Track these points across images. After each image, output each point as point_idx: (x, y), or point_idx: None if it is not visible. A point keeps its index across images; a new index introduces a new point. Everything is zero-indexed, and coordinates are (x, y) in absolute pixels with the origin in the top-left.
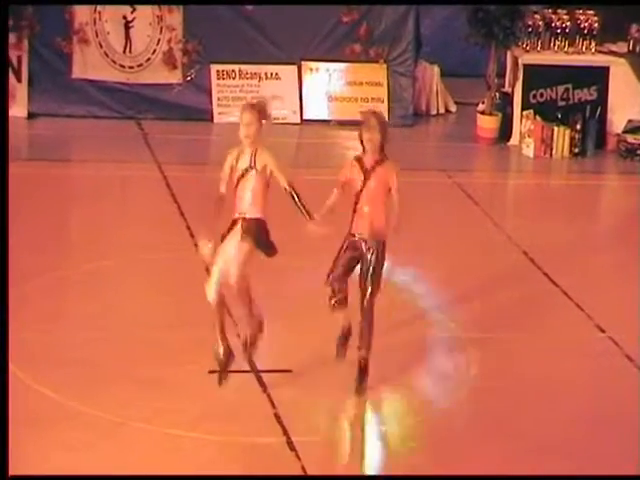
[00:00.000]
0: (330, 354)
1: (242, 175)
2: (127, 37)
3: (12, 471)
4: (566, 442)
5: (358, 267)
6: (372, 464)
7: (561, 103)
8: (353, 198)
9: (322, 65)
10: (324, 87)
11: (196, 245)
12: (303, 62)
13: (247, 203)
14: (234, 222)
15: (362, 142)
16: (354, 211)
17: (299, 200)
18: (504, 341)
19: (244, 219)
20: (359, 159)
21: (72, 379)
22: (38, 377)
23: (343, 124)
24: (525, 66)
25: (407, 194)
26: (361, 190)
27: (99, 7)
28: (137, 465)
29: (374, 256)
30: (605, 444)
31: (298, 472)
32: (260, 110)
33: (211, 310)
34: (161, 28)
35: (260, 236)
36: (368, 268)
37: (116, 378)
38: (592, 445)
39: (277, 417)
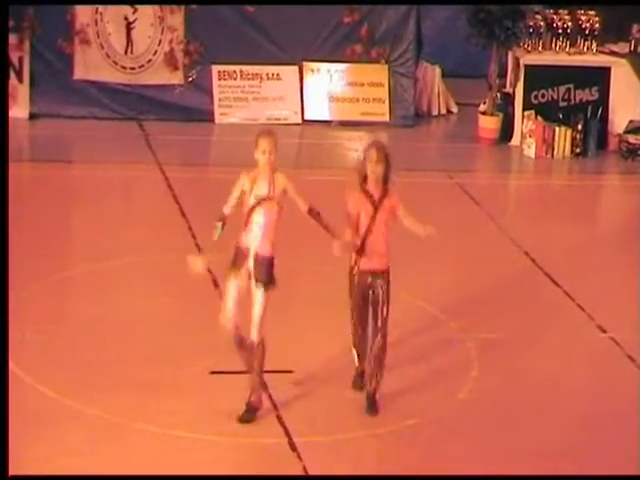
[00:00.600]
0: (333, 355)
1: (258, 203)
2: (128, 38)
3: (13, 471)
4: (567, 442)
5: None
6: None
7: (562, 103)
8: (353, 230)
9: (323, 66)
10: (325, 88)
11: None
12: (304, 63)
13: (258, 237)
14: (242, 255)
15: (365, 174)
16: (360, 245)
17: (322, 220)
18: (505, 342)
19: (256, 259)
20: (365, 191)
21: (74, 380)
22: (40, 378)
23: (344, 124)
24: (526, 66)
25: (408, 195)
26: (370, 222)
27: (100, 8)
28: (138, 466)
29: (384, 287)
30: (606, 444)
31: (300, 473)
32: (276, 138)
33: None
34: (162, 29)
35: (270, 275)
36: (378, 301)
37: (118, 379)
38: (593, 445)
39: (279, 418)
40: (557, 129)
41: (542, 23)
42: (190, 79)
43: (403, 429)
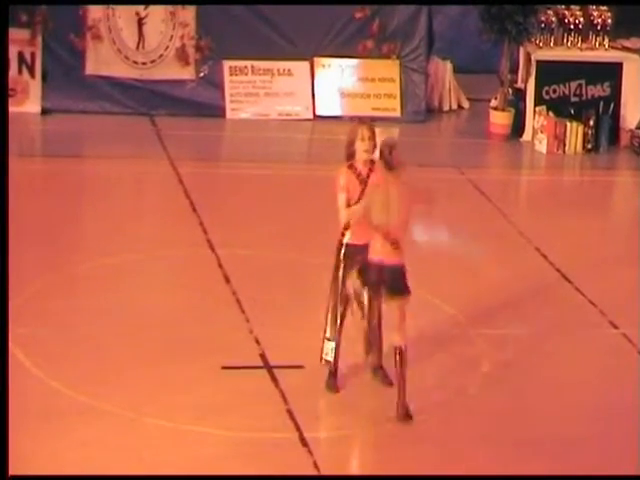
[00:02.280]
0: (343, 350)
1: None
2: (140, 33)
3: (25, 466)
4: (578, 438)
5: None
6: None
7: (574, 99)
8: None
9: (334, 61)
10: (337, 83)
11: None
12: (315, 58)
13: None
14: (373, 265)
15: (353, 152)
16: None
17: None
18: (516, 338)
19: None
20: (354, 169)
21: (84, 374)
22: (50, 372)
23: (356, 120)
24: (538, 62)
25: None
26: (358, 199)
27: (112, 4)
28: (148, 460)
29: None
30: (618, 440)
31: (310, 468)
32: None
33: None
34: (174, 24)
35: (403, 284)
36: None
37: (129, 374)
38: (604, 441)
39: (289, 413)
40: (569, 125)
41: (554, 19)
42: (201, 74)
43: (413, 425)
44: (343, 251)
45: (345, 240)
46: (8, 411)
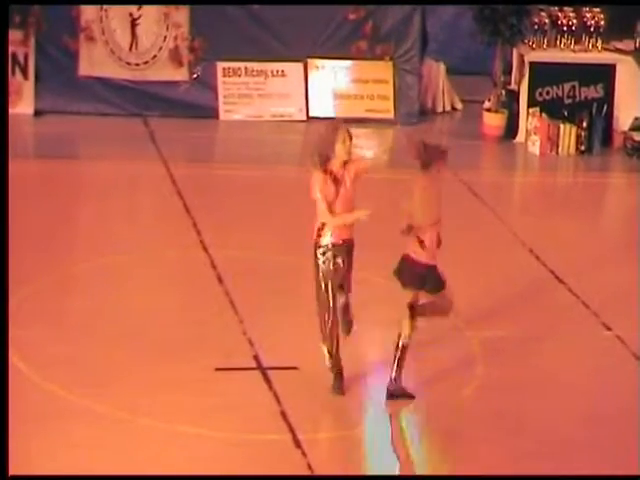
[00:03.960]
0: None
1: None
2: (133, 34)
3: (19, 468)
4: (571, 439)
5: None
6: (376, 461)
7: (567, 101)
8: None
9: (328, 62)
10: (330, 84)
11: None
12: (309, 59)
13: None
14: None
15: (329, 156)
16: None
17: None
18: (509, 339)
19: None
20: (329, 172)
21: (79, 377)
22: (46, 375)
23: (349, 122)
24: (531, 64)
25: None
26: (335, 199)
27: (105, 5)
28: (143, 462)
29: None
30: (610, 442)
31: (304, 469)
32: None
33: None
34: (167, 25)
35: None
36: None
37: (123, 375)
38: (597, 443)
39: (283, 414)
40: (562, 126)
41: (547, 20)
42: (195, 76)
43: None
44: (327, 253)
45: (326, 241)
46: (8, 411)
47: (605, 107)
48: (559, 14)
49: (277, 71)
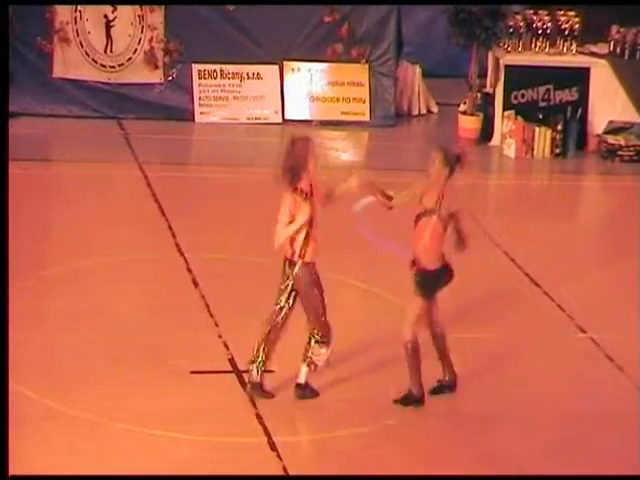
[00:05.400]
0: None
1: (423, 214)
2: (108, 36)
3: None
4: (548, 441)
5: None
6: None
7: (542, 104)
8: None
9: (304, 65)
10: (306, 87)
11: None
12: (285, 62)
13: (422, 248)
14: (412, 263)
15: (300, 172)
16: (312, 239)
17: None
18: (485, 341)
19: (418, 269)
20: (300, 191)
21: (52, 380)
22: (18, 378)
23: (325, 124)
24: (506, 67)
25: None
26: (312, 215)
27: (80, 6)
28: (118, 465)
29: None
30: (585, 443)
31: (279, 472)
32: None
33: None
34: (142, 27)
35: (433, 287)
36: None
37: (98, 378)
38: (573, 444)
39: (258, 417)
40: (537, 129)
41: (522, 23)
42: (170, 78)
43: (385, 428)
44: (307, 271)
45: (307, 259)
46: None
47: (580, 110)
48: (534, 17)
49: (253, 73)
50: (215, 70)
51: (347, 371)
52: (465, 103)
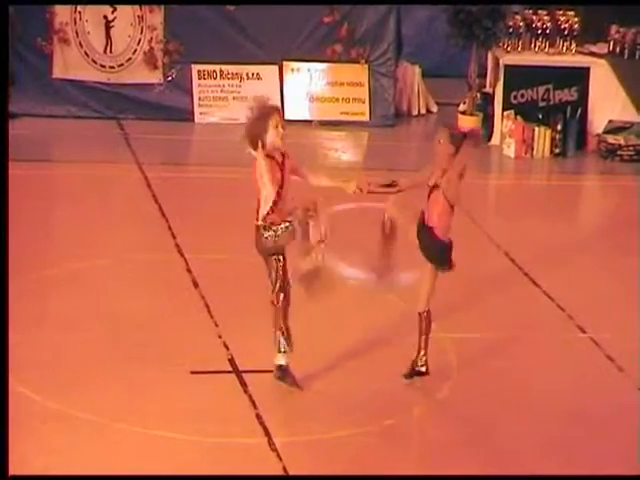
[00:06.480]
0: (312, 355)
1: (432, 189)
2: (108, 37)
3: None
4: (546, 442)
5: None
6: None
7: (542, 103)
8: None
9: (303, 65)
10: (305, 87)
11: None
12: (284, 62)
13: (437, 219)
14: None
15: (259, 139)
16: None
17: None
18: (484, 342)
19: (435, 239)
20: (271, 157)
21: (54, 381)
22: (20, 378)
23: (324, 124)
24: (506, 66)
25: (389, 196)
26: (282, 182)
27: (79, 7)
28: (120, 466)
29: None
30: (584, 444)
31: (279, 473)
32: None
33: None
34: (142, 28)
35: (442, 257)
36: None
37: (99, 379)
38: (572, 445)
39: (258, 417)
40: (536, 129)
41: (521, 23)
42: (170, 78)
43: (382, 429)
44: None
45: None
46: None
47: (579, 110)
48: (533, 17)
49: (252, 74)
50: (215, 70)
51: (347, 371)
52: (465, 103)
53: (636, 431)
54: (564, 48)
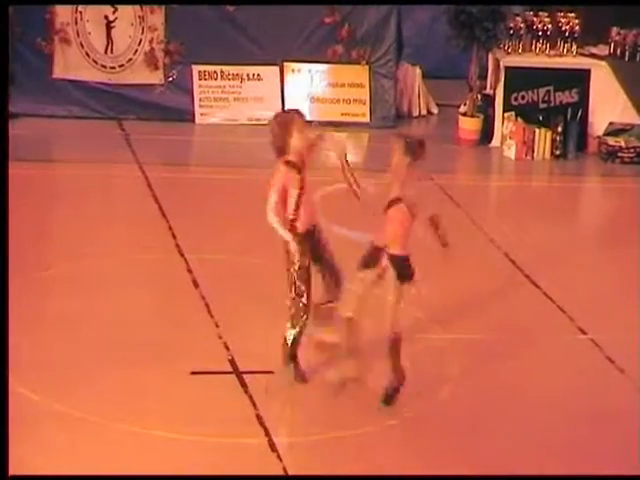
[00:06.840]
0: (312, 355)
1: (391, 203)
2: (108, 37)
3: None
4: (547, 443)
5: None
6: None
7: (542, 105)
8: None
9: (304, 66)
10: (306, 88)
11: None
12: (285, 63)
13: (393, 235)
14: (376, 251)
15: (285, 145)
16: (301, 205)
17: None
18: (485, 343)
19: (392, 256)
20: (291, 164)
21: (53, 381)
22: (19, 378)
23: (325, 125)
24: (506, 68)
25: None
26: (302, 185)
27: (80, 7)
28: (119, 466)
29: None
30: (584, 445)
31: (279, 473)
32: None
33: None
34: (143, 28)
35: (411, 272)
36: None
37: (98, 379)
38: (572, 445)
39: (259, 418)
40: (537, 131)
41: (522, 25)
42: (170, 79)
43: (383, 430)
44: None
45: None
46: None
47: (580, 112)
48: (534, 19)
49: (253, 74)
50: (215, 71)
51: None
52: (465, 104)
53: (636, 432)
54: (565, 50)
